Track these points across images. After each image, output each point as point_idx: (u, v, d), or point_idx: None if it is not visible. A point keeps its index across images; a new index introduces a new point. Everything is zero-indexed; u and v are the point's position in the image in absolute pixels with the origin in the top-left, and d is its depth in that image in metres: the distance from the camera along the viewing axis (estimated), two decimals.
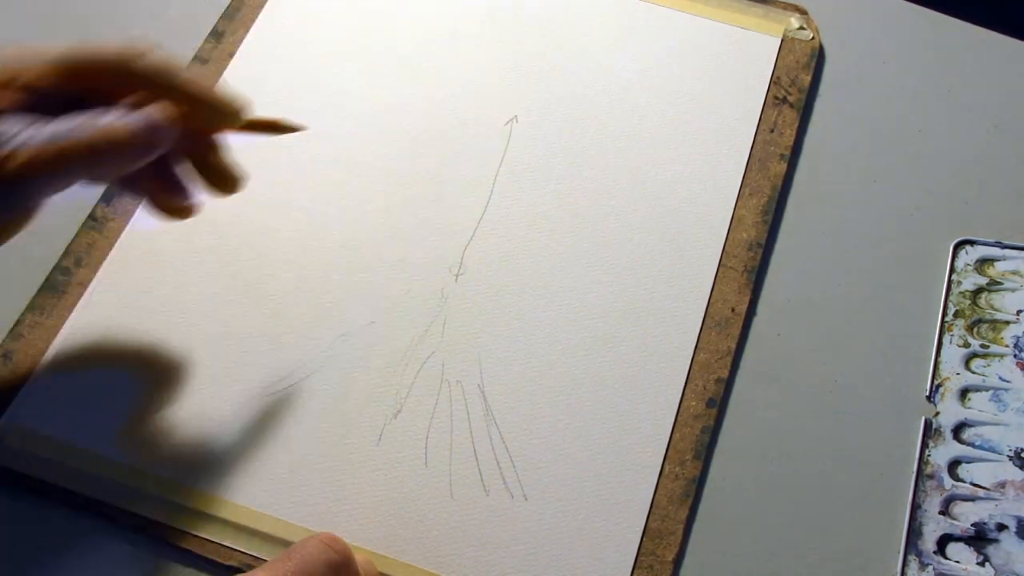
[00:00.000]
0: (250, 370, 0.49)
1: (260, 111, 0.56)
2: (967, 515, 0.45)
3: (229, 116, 0.44)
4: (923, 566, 0.44)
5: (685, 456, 0.47)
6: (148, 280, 0.51)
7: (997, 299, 0.50)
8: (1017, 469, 0.46)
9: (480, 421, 0.47)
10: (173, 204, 0.46)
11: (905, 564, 0.45)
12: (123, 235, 0.52)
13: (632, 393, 0.48)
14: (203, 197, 0.47)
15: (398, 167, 0.54)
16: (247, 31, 0.58)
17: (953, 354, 0.49)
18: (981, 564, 0.44)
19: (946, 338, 0.49)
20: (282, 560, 0.39)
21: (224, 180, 0.46)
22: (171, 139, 0.42)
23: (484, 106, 0.56)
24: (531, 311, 0.50)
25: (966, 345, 0.49)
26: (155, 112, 0.41)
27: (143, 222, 0.52)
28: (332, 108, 0.56)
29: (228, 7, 0.59)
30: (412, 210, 0.53)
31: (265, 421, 0.47)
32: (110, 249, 0.51)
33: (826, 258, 0.52)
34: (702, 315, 0.50)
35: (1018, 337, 0.49)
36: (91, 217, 0.52)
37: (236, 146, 0.46)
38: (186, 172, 0.46)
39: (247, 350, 0.49)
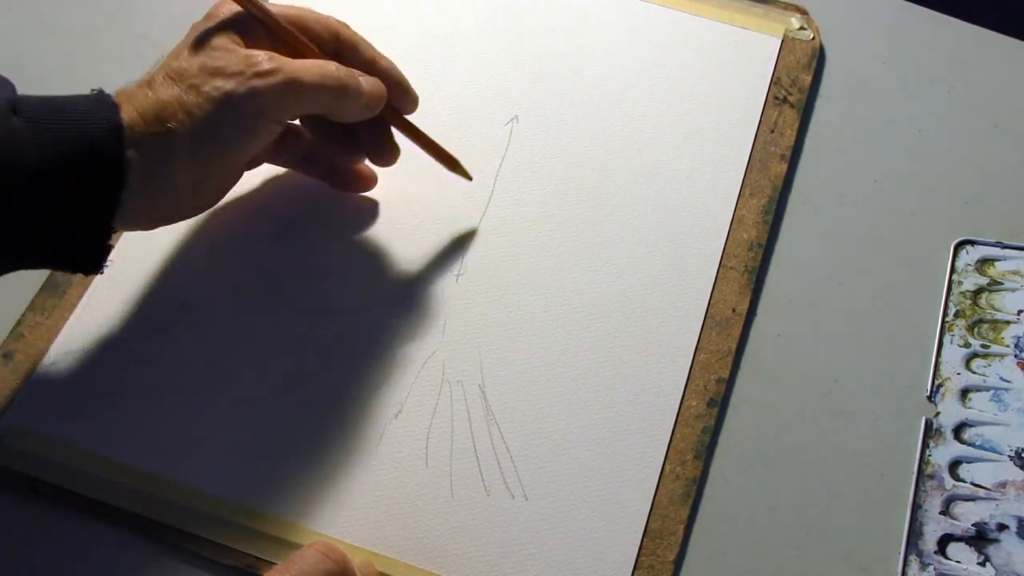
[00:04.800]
0: (250, 370, 0.48)
1: None
2: (968, 515, 0.45)
3: (409, 101, 0.50)
4: (923, 566, 0.44)
5: (685, 456, 0.47)
6: (148, 280, 0.51)
7: (997, 299, 0.50)
8: (1018, 469, 0.46)
9: (480, 421, 0.47)
10: (355, 170, 0.52)
11: (905, 564, 0.45)
12: (123, 235, 0.52)
13: (632, 393, 0.48)
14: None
15: (398, 167, 0.54)
16: None
17: (953, 354, 0.49)
18: (982, 564, 0.44)
19: (947, 338, 0.49)
20: (280, 571, 0.39)
21: (387, 153, 0.50)
22: (379, 109, 0.48)
23: (484, 106, 0.56)
24: (531, 311, 0.50)
25: (967, 345, 0.49)
26: (379, 82, 0.47)
27: None
28: None
29: None
30: (412, 210, 0.53)
31: (265, 422, 0.47)
32: (110, 249, 0.51)
33: (826, 258, 0.52)
34: (702, 315, 0.50)
35: (1018, 337, 0.49)
36: None
37: None
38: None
39: (247, 350, 0.49)
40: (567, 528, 0.45)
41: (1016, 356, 0.49)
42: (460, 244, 0.52)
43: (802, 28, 0.57)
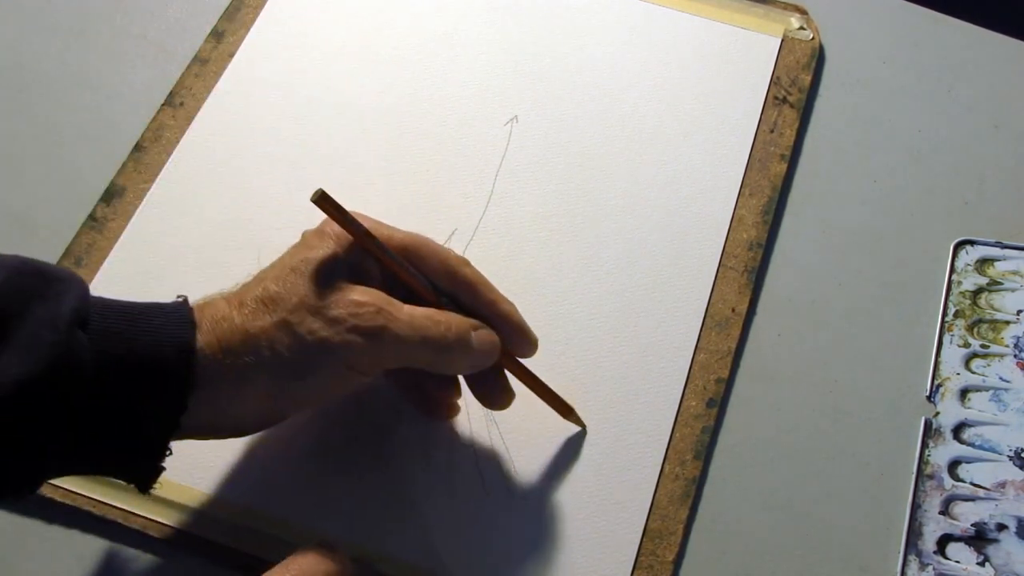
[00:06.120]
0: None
1: (260, 111, 0.56)
2: (967, 515, 0.45)
3: (528, 346, 0.45)
4: (923, 566, 0.44)
5: (685, 456, 0.47)
6: (147, 281, 0.51)
7: (997, 299, 0.50)
8: (1017, 469, 0.46)
9: (480, 421, 0.47)
10: (445, 405, 0.47)
11: (905, 564, 0.45)
12: (123, 235, 0.52)
13: (632, 393, 0.48)
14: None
15: (398, 167, 0.54)
16: (247, 31, 0.58)
17: (953, 354, 0.49)
18: (981, 564, 0.44)
19: (946, 338, 0.49)
20: (279, 571, 0.39)
21: (500, 397, 0.45)
22: (488, 365, 0.43)
23: (484, 106, 0.56)
24: (531, 311, 0.50)
25: (966, 345, 0.49)
26: (493, 336, 0.43)
27: None
28: (331, 108, 0.56)
29: (228, 7, 0.59)
30: (412, 210, 0.53)
31: None
32: (110, 249, 0.51)
33: (826, 258, 0.52)
34: (702, 315, 0.50)
35: (1018, 337, 0.49)
36: (91, 217, 0.52)
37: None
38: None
39: None
40: (567, 528, 0.45)
41: (1016, 356, 0.49)
42: (459, 244, 0.52)
43: (802, 28, 0.57)
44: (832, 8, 0.58)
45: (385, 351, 0.40)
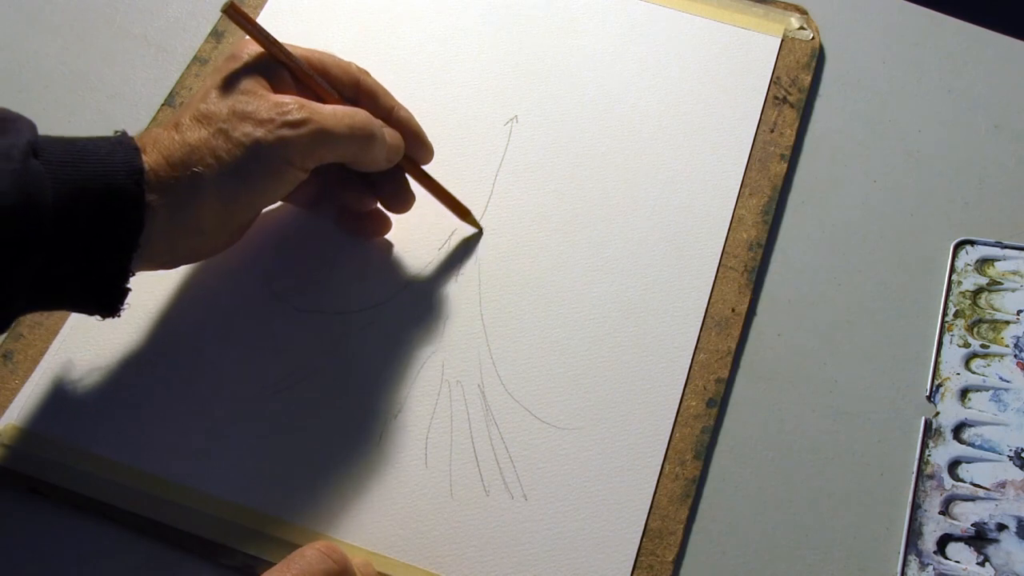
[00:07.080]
0: (250, 370, 0.49)
1: None
2: (967, 515, 0.45)
3: (425, 151, 0.50)
4: (923, 566, 0.44)
5: (685, 456, 0.47)
6: (148, 281, 0.51)
7: (997, 299, 0.50)
8: (1017, 469, 0.46)
9: (480, 421, 0.47)
10: (367, 213, 0.51)
11: (905, 564, 0.45)
12: None
13: (632, 393, 0.48)
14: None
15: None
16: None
17: (953, 354, 0.49)
18: (981, 564, 0.44)
19: (946, 338, 0.49)
20: (280, 570, 0.39)
21: (403, 200, 0.50)
22: (396, 161, 0.48)
23: (484, 106, 0.56)
24: (530, 311, 0.50)
25: (966, 345, 0.49)
26: (396, 133, 0.48)
27: None
28: None
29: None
30: (411, 210, 0.53)
31: (264, 422, 0.47)
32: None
33: (826, 258, 0.52)
34: (702, 315, 0.50)
35: (1018, 337, 0.49)
36: None
37: None
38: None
39: (247, 348, 0.49)
40: (567, 528, 0.45)
41: (1016, 356, 0.49)
42: (459, 244, 0.52)
43: (802, 28, 0.57)
44: (832, 8, 0.58)
45: (316, 142, 0.44)
